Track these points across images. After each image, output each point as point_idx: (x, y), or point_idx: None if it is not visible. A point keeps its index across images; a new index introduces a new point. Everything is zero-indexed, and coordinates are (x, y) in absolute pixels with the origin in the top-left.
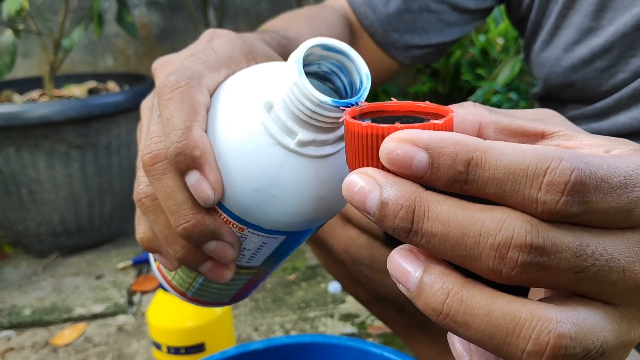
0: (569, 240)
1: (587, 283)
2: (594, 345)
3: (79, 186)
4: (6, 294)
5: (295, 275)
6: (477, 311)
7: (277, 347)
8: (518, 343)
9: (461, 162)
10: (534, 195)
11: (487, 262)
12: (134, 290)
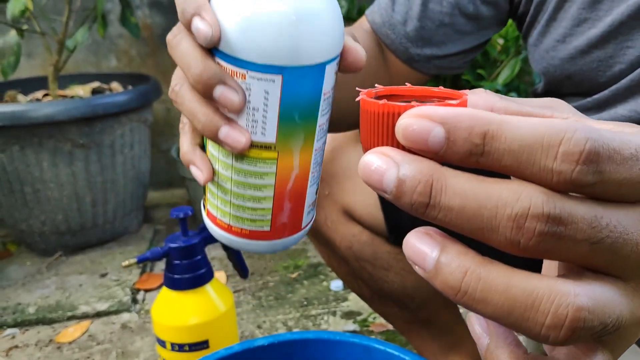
0: (585, 211)
1: (602, 255)
2: (611, 319)
3: (82, 185)
4: (10, 292)
5: (297, 273)
6: (495, 287)
7: (281, 343)
8: (537, 317)
9: (477, 134)
10: (550, 166)
11: (505, 234)
12: (138, 288)
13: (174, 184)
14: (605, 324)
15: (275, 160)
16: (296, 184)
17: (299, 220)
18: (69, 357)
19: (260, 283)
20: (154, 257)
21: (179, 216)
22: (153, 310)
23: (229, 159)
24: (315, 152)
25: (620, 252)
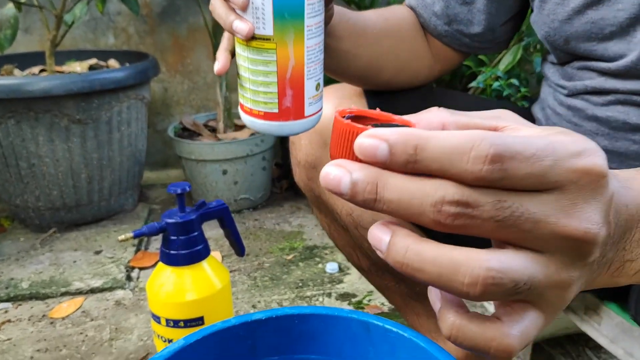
0: (489, 197)
1: (507, 230)
2: (521, 279)
3: (78, 161)
4: (3, 267)
5: (293, 255)
6: (427, 259)
7: (279, 317)
8: (459, 278)
9: (411, 147)
10: (464, 167)
11: (430, 216)
12: (133, 266)
13: (169, 165)
14: (516, 282)
15: (274, 50)
16: (294, 73)
17: (301, 107)
18: (62, 332)
19: (256, 264)
20: (150, 232)
21: (176, 191)
22: (148, 285)
23: (245, 52)
24: (308, 50)
25: (522, 227)
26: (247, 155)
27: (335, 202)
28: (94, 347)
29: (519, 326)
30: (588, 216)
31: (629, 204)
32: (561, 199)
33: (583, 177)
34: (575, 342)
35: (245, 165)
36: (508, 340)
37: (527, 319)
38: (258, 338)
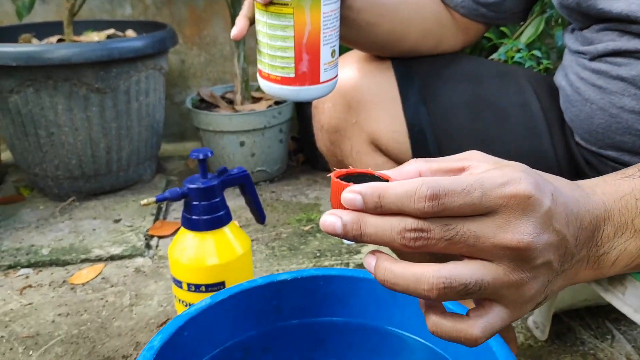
0: (437, 223)
1: (457, 246)
2: (469, 282)
3: (97, 130)
4: (23, 234)
5: (310, 227)
6: (398, 275)
7: (305, 278)
8: (420, 286)
9: (375, 196)
10: (413, 206)
11: (398, 241)
12: (152, 234)
13: (186, 137)
14: (465, 285)
15: (292, 15)
16: (310, 38)
17: (317, 73)
18: (82, 297)
19: (274, 234)
20: (172, 197)
21: (198, 157)
22: (170, 250)
23: (263, 17)
24: (325, 15)
25: (467, 242)
26: (265, 127)
27: (358, 166)
28: (115, 312)
29: (482, 320)
30: (521, 229)
31: (592, 208)
32: (496, 219)
33: (510, 201)
34: (594, 314)
35: (262, 137)
36: (472, 331)
37: (491, 314)
38: (283, 299)
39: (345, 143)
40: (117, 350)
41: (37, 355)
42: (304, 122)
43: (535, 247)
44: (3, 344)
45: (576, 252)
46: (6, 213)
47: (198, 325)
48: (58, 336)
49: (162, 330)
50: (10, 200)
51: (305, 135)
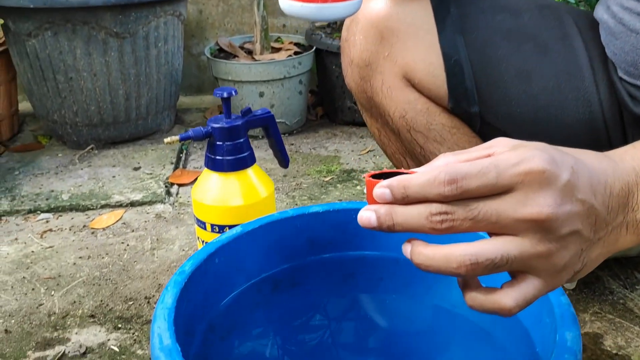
0: (460, 205)
1: (481, 224)
2: (496, 257)
3: (116, 76)
4: (43, 180)
5: (330, 177)
6: (430, 257)
7: (337, 210)
8: (451, 265)
9: (401, 188)
10: (435, 192)
11: (427, 226)
12: (172, 182)
13: (204, 90)
14: (491, 260)
15: None
16: None
17: None
18: (103, 241)
19: (294, 184)
20: (196, 136)
21: (222, 95)
22: (193, 191)
23: None
24: None
25: (490, 220)
26: (284, 77)
27: (388, 103)
28: (136, 256)
29: (514, 291)
30: (540, 202)
31: (622, 175)
32: (515, 196)
33: (526, 177)
34: (623, 265)
35: (282, 88)
36: (504, 301)
37: (523, 285)
38: (314, 232)
39: (376, 78)
40: (139, 291)
41: (59, 296)
42: (323, 74)
43: (557, 217)
44: (25, 285)
45: (610, 219)
46: (25, 160)
47: (229, 254)
48: (79, 278)
49: (193, 256)
50: (29, 148)
51: (325, 89)
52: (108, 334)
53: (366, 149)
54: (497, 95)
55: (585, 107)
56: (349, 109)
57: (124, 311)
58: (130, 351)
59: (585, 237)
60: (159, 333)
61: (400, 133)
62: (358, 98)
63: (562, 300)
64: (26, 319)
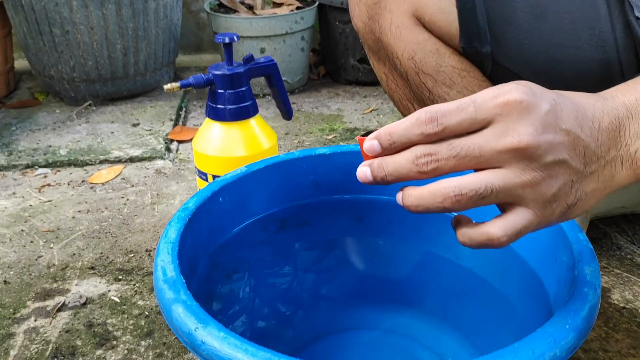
0: (443, 144)
1: (465, 159)
2: (479, 187)
3: (113, 30)
4: (40, 135)
5: (333, 136)
6: (417, 196)
7: (343, 153)
8: (437, 200)
9: (387, 135)
10: (417, 132)
11: (414, 170)
12: (171, 139)
13: (203, 49)
14: (476, 191)
15: None
16: None
17: None
18: (103, 196)
19: (296, 142)
20: (197, 83)
21: (224, 41)
22: (194, 142)
23: None
24: None
25: (473, 154)
26: (286, 33)
27: (397, 43)
28: (136, 210)
29: (501, 222)
30: (520, 131)
31: (611, 109)
32: (495, 128)
33: (504, 109)
34: (631, 222)
35: (283, 44)
36: (493, 231)
37: (511, 215)
38: (321, 174)
39: (384, 17)
40: (139, 244)
41: (59, 248)
42: (326, 31)
43: (538, 145)
44: (23, 237)
45: (602, 153)
46: (22, 116)
47: (233, 193)
48: (79, 231)
49: (197, 193)
50: (26, 104)
51: (327, 47)
52: (108, 285)
53: (369, 108)
54: (509, 33)
55: (600, 48)
56: (352, 68)
57: (124, 263)
58: (131, 302)
59: (574, 168)
60: (163, 266)
61: (408, 76)
62: (365, 39)
63: (580, 236)
64: (25, 271)
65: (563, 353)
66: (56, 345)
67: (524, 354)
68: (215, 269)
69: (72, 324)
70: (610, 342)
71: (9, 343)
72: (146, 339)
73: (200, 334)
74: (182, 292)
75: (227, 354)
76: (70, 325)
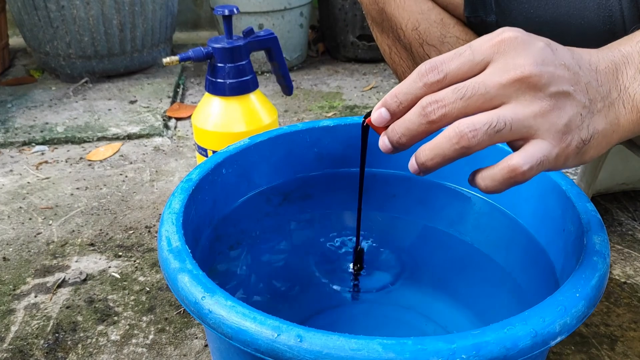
0: (447, 90)
1: (472, 100)
2: (492, 120)
3: (109, 5)
4: (37, 113)
5: (332, 113)
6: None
7: (348, 125)
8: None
9: (393, 96)
10: (420, 85)
11: (423, 122)
12: (169, 116)
13: (200, 26)
14: (490, 124)
15: None
16: None
17: None
18: (101, 173)
19: (295, 119)
20: (196, 56)
21: (223, 13)
22: (194, 117)
23: None
24: None
25: (478, 92)
26: (285, 8)
27: (400, 14)
28: (135, 187)
29: (520, 153)
30: (519, 62)
31: (606, 55)
32: (495, 65)
33: (500, 45)
34: (632, 198)
35: (282, 20)
36: (512, 162)
37: (528, 146)
38: (324, 147)
39: None
40: (139, 221)
41: (57, 225)
42: (325, 7)
43: (540, 73)
44: (22, 214)
45: (604, 92)
46: (17, 93)
47: (237, 164)
48: (77, 208)
49: (200, 165)
50: (21, 81)
51: (327, 23)
52: (108, 262)
53: (369, 85)
54: (515, 3)
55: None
56: (352, 44)
57: (124, 240)
58: (131, 278)
59: (579, 101)
60: (167, 236)
61: (412, 48)
62: (369, 11)
63: (588, 206)
64: (24, 247)
65: (573, 321)
66: (57, 321)
67: (534, 322)
68: (218, 241)
69: (72, 300)
70: (611, 316)
71: (9, 319)
72: (147, 314)
73: (207, 302)
74: (188, 262)
75: (234, 322)
76: (70, 301)
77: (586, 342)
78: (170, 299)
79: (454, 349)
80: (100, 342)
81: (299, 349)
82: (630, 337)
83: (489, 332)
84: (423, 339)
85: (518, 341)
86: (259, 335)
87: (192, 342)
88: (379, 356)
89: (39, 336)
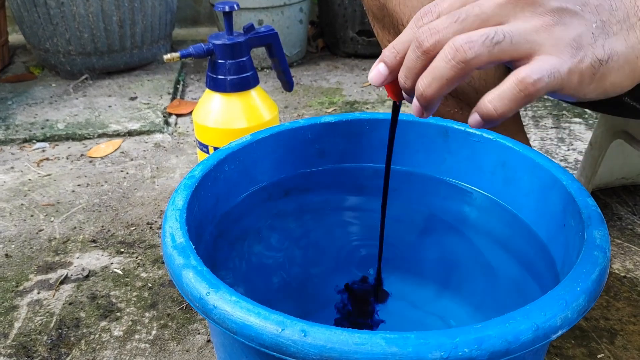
0: (441, 17)
1: (467, 21)
2: (490, 32)
3: (109, 1)
4: (37, 110)
5: (333, 109)
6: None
7: (350, 121)
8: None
9: (390, 50)
10: (417, 28)
11: (418, 52)
12: (170, 112)
13: (199, 22)
14: (487, 35)
15: None
16: None
17: None
18: (102, 169)
19: (295, 115)
20: (197, 53)
21: (224, 9)
22: (195, 113)
23: None
24: None
25: (474, 13)
26: (284, 4)
27: (402, 10)
28: (136, 184)
29: (526, 66)
30: None
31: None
32: None
33: None
34: (632, 193)
35: (281, 15)
36: (520, 74)
37: (535, 62)
38: (326, 143)
39: None
40: (140, 217)
41: (59, 222)
42: (324, 4)
43: None
44: (23, 211)
45: (620, 16)
46: (17, 90)
47: (239, 161)
48: (79, 204)
49: (202, 162)
50: (21, 78)
51: (326, 19)
52: (111, 258)
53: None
54: None
55: None
56: (351, 40)
57: (126, 236)
58: (134, 274)
59: (588, 20)
60: (171, 232)
61: None
62: (370, 7)
63: (588, 201)
64: (26, 244)
65: (574, 315)
66: (60, 317)
67: (535, 315)
68: (221, 237)
69: (75, 296)
70: (611, 310)
71: (13, 315)
72: (150, 310)
73: (212, 298)
74: (192, 258)
75: (239, 317)
76: (73, 297)
77: (586, 335)
78: (173, 294)
79: (456, 343)
80: (103, 338)
81: (303, 344)
82: (629, 331)
83: (491, 326)
84: (426, 333)
85: (520, 335)
86: (264, 330)
87: (195, 338)
88: (382, 350)
89: (42, 332)
